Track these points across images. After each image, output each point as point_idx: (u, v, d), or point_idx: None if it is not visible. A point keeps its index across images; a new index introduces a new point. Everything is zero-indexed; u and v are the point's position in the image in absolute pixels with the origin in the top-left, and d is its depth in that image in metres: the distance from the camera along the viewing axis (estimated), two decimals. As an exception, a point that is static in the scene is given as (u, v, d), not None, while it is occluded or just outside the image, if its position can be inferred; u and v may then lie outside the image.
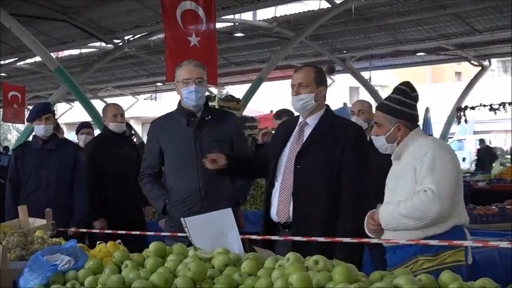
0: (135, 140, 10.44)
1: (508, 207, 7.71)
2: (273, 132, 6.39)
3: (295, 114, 6.71)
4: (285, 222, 4.24)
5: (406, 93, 3.98)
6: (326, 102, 4.40)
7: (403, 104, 3.93)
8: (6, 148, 11.87)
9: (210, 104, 6.38)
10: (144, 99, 38.98)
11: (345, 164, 4.19)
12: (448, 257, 3.72)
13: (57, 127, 8.62)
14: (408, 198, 3.73)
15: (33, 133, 6.51)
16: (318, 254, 3.06)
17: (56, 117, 6.60)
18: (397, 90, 4.02)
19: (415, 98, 4.00)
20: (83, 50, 23.16)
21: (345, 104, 21.82)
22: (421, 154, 3.78)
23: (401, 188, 3.86)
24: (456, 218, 3.80)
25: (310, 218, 4.19)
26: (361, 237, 4.05)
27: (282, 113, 6.69)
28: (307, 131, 4.32)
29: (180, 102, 4.94)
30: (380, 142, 4.00)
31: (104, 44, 20.54)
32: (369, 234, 3.96)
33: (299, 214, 4.20)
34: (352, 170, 4.20)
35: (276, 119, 6.72)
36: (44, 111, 6.30)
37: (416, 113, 4.02)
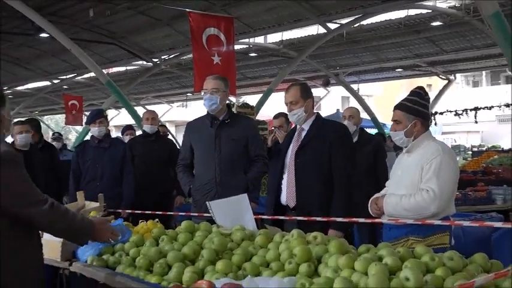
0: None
1: (469, 193, 7.68)
2: (274, 129, 6.39)
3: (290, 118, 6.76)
4: (293, 206, 4.26)
5: (421, 95, 3.81)
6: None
7: (418, 104, 3.77)
8: (65, 146, 11.91)
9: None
10: (177, 106, 39.05)
11: (334, 155, 4.23)
12: (435, 240, 3.60)
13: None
14: (411, 194, 3.61)
15: (90, 133, 6.54)
16: (318, 228, 3.15)
17: (108, 120, 6.61)
18: (413, 93, 3.85)
19: (428, 100, 3.85)
20: (128, 67, 23.27)
21: (337, 110, 21.90)
22: (431, 156, 3.62)
23: (408, 179, 3.71)
24: (447, 211, 3.66)
25: (310, 200, 4.21)
26: (351, 209, 4.13)
27: (279, 115, 6.69)
28: (303, 134, 4.39)
29: None
30: (397, 137, 3.81)
31: (145, 62, 20.60)
32: (372, 214, 3.91)
33: (302, 198, 4.22)
34: (339, 158, 4.23)
35: (274, 119, 6.77)
36: (98, 116, 6.33)
37: (428, 112, 3.87)
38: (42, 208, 2.65)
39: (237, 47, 15.31)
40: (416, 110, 3.77)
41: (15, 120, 8.27)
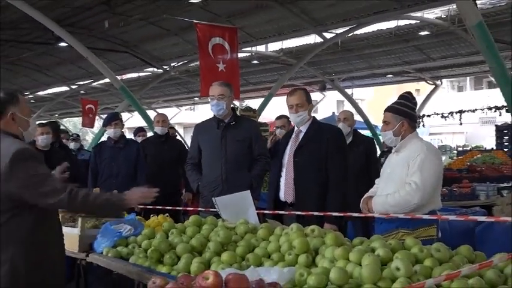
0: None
1: (454, 189, 7.67)
2: (275, 130, 6.38)
3: (291, 119, 6.75)
4: (291, 201, 4.25)
5: (408, 98, 3.87)
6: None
7: (406, 106, 3.83)
8: (82, 146, 11.90)
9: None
10: (185, 109, 38.99)
11: (329, 156, 4.23)
12: (423, 232, 3.61)
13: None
14: (396, 191, 3.62)
15: (106, 135, 6.54)
16: (314, 223, 3.11)
17: (123, 123, 6.60)
18: (401, 97, 3.91)
19: (415, 103, 3.91)
20: (140, 74, 23.22)
21: (333, 113, 21.76)
22: (416, 154, 3.66)
23: (396, 175, 3.74)
24: (433, 205, 3.68)
25: (307, 196, 4.19)
26: (346, 205, 4.10)
27: (282, 116, 6.69)
28: (301, 136, 4.37)
29: None
30: (387, 137, 3.87)
31: (155, 69, 20.58)
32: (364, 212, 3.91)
33: (299, 195, 4.20)
34: (335, 159, 4.23)
35: (276, 119, 6.77)
36: (114, 118, 6.34)
37: (415, 113, 3.91)
38: (61, 197, 2.65)
39: (240, 54, 15.30)
40: (404, 111, 3.82)
41: (37, 122, 8.26)
